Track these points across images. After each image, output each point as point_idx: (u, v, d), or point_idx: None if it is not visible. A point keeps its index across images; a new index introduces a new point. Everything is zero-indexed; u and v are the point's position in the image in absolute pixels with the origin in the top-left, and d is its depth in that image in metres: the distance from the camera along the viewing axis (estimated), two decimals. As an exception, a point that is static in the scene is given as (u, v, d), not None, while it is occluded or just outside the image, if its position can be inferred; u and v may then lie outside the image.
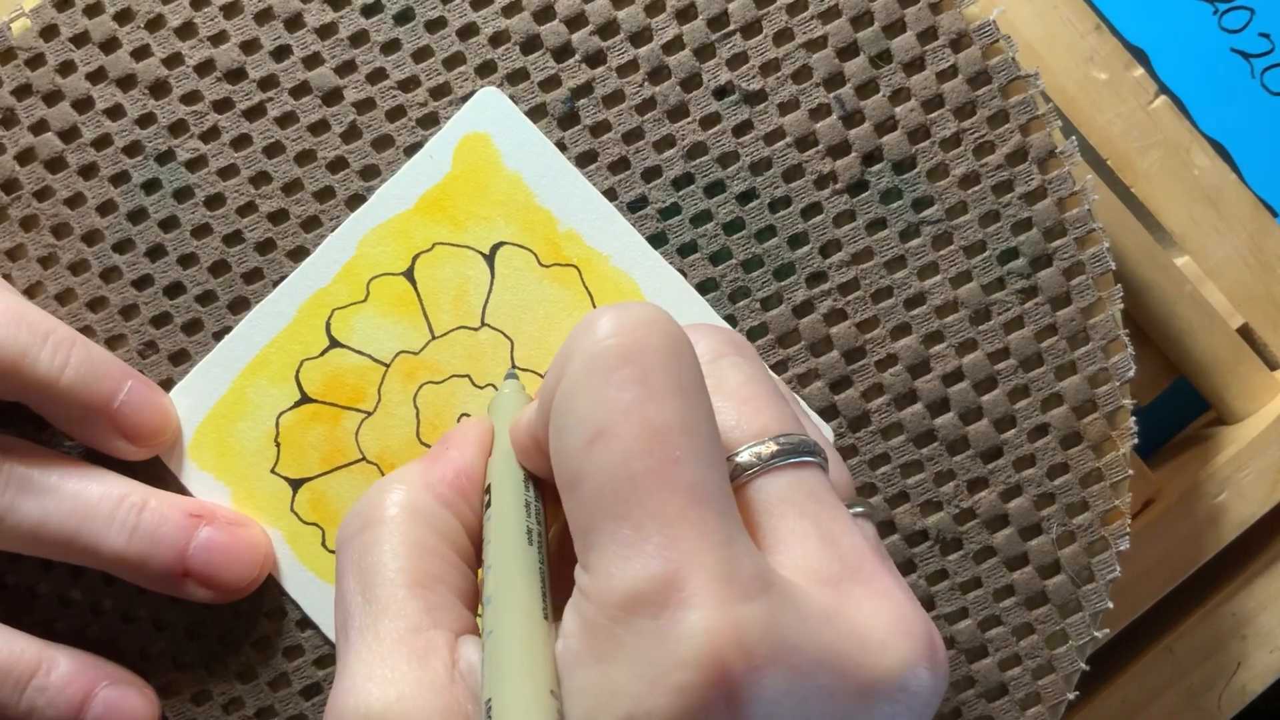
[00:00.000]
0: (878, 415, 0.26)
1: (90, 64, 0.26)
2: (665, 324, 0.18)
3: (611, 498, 0.17)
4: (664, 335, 0.18)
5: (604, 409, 0.17)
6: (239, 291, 0.26)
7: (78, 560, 0.25)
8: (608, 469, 0.17)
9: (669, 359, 0.17)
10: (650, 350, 0.17)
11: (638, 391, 0.17)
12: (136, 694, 0.25)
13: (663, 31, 0.26)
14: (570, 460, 0.17)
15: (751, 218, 0.26)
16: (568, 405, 0.17)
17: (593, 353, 0.17)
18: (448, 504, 0.21)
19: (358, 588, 0.19)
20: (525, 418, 0.21)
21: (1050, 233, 0.26)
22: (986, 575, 0.26)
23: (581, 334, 0.18)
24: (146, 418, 0.25)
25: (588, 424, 0.17)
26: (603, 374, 0.17)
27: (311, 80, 0.26)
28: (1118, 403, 0.26)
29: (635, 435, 0.17)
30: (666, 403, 0.17)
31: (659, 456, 0.17)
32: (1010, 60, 0.26)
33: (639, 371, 0.17)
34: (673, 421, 0.17)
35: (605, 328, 0.18)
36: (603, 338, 0.17)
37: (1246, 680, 0.29)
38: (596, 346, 0.17)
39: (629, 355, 0.17)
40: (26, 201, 0.26)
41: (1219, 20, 0.30)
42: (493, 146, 0.26)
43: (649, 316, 0.18)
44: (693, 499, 0.16)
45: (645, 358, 0.17)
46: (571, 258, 0.26)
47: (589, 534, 0.17)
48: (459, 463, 0.22)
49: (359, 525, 0.20)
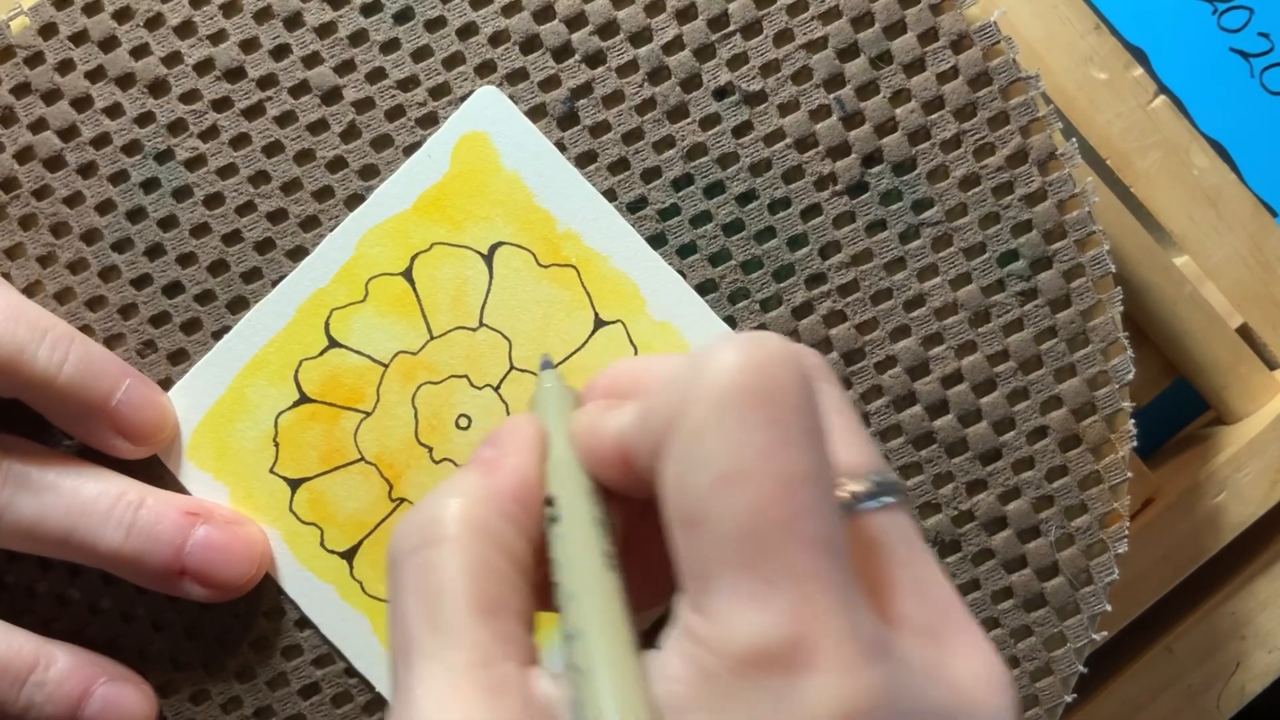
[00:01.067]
0: (877, 417, 0.26)
1: (89, 62, 0.25)
2: (796, 362, 0.17)
3: (740, 545, 0.16)
4: (798, 375, 0.17)
5: (737, 450, 0.16)
6: (238, 291, 0.26)
7: (74, 558, 0.24)
8: (738, 515, 0.16)
9: (803, 402, 0.17)
10: (787, 391, 0.17)
11: (773, 435, 0.16)
12: (134, 691, 0.25)
13: (663, 32, 0.25)
14: (692, 497, 0.16)
15: (751, 219, 0.26)
16: (695, 439, 0.16)
17: (726, 387, 0.16)
18: (512, 519, 0.19)
19: (421, 611, 0.18)
20: (611, 427, 0.19)
21: (1050, 235, 0.25)
22: (985, 577, 0.26)
23: (711, 363, 0.17)
24: (144, 416, 0.25)
25: (718, 463, 0.16)
26: (737, 412, 0.16)
27: (311, 79, 0.25)
28: (1117, 406, 0.26)
29: (770, 483, 0.16)
30: (801, 450, 0.16)
31: (793, 507, 0.16)
32: (1011, 62, 0.25)
33: (774, 414, 0.16)
34: (806, 470, 0.16)
35: (738, 360, 0.17)
36: (737, 371, 0.16)
37: (1245, 680, 0.28)
38: (731, 380, 0.16)
39: (765, 395, 0.16)
40: (25, 200, 0.26)
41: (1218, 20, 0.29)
42: (491, 146, 0.25)
43: (783, 352, 0.17)
44: (822, 554, 0.16)
45: (782, 399, 0.16)
46: (570, 258, 0.25)
47: (709, 578, 0.16)
48: (521, 472, 0.20)
49: (418, 541, 0.19)
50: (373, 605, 0.25)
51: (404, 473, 0.25)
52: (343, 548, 0.25)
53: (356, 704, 0.26)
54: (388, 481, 0.25)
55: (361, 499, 0.25)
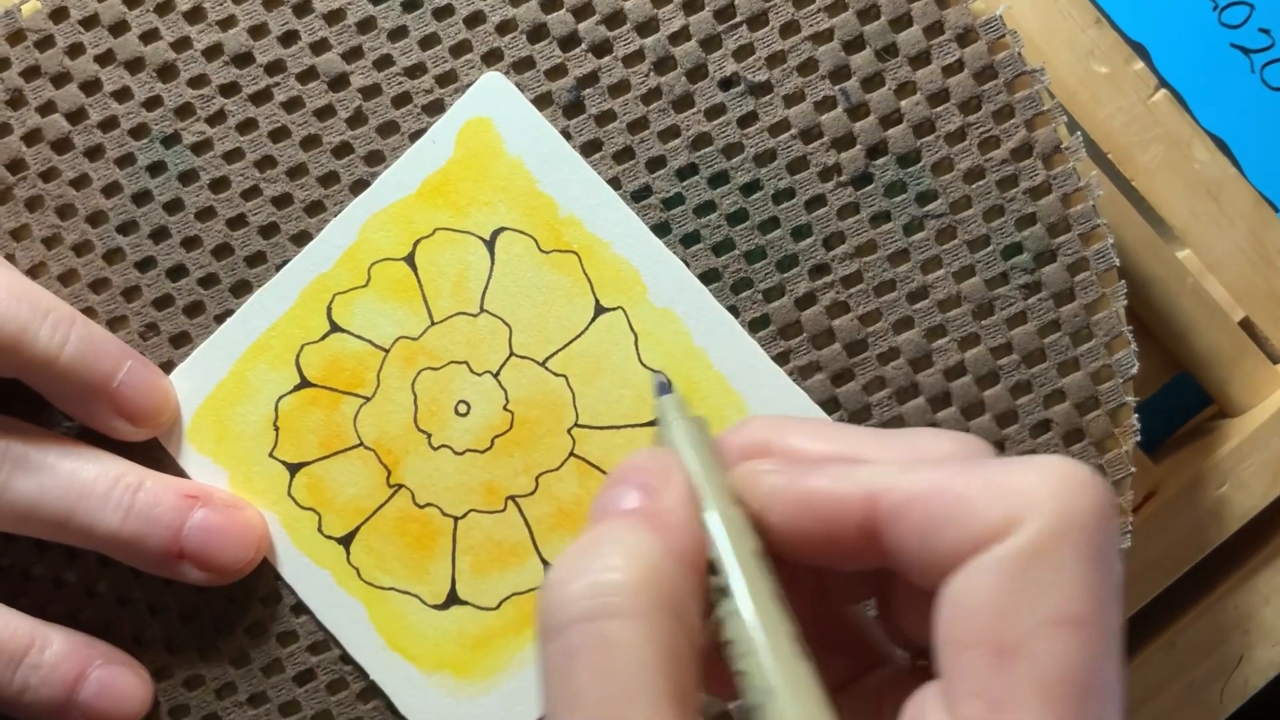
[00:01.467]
0: (879, 409, 0.25)
1: (99, 46, 0.25)
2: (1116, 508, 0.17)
3: (1061, 694, 0.15)
4: (1118, 534, 0.17)
5: (1081, 594, 0.15)
6: (241, 275, 0.26)
7: (72, 540, 0.24)
8: (1068, 662, 0.15)
9: (1119, 559, 0.16)
10: (1118, 545, 0.16)
11: (1111, 590, 0.15)
12: (130, 674, 0.25)
13: (669, 22, 0.25)
14: (1014, 626, 0.15)
15: (755, 209, 0.25)
16: (1031, 567, 0.15)
17: (1079, 524, 0.15)
18: (694, 591, 0.16)
19: (601, 698, 0.15)
20: (848, 486, 0.17)
21: (1054, 228, 0.25)
22: (986, 571, 0.25)
23: (1061, 490, 0.15)
24: (145, 398, 0.25)
25: (1056, 601, 0.15)
26: (1086, 555, 0.15)
27: (318, 66, 0.25)
28: (1120, 400, 0.25)
29: (1104, 640, 0.15)
30: (1120, 606, 0.16)
31: (1116, 670, 0.15)
32: (1016, 55, 0.25)
33: (1113, 566, 0.15)
34: (1118, 629, 0.15)
35: (1090, 496, 0.15)
36: (1089, 510, 0.15)
37: (1249, 674, 0.28)
38: (1083, 518, 0.15)
39: (1109, 544, 0.15)
40: (32, 182, 0.26)
41: (1219, 16, 0.29)
42: (495, 132, 0.25)
43: (1113, 505, 0.16)
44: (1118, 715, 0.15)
45: (1116, 552, 0.16)
46: (572, 244, 0.25)
47: (1009, 711, 0.15)
48: (694, 532, 0.17)
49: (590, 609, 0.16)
50: (368, 592, 0.25)
51: (402, 459, 0.25)
52: (340, 533, 0.25)
53: (351, 691, 0.25)
54: (386, 467, 0.25)
55: (360, 484, 0.25)
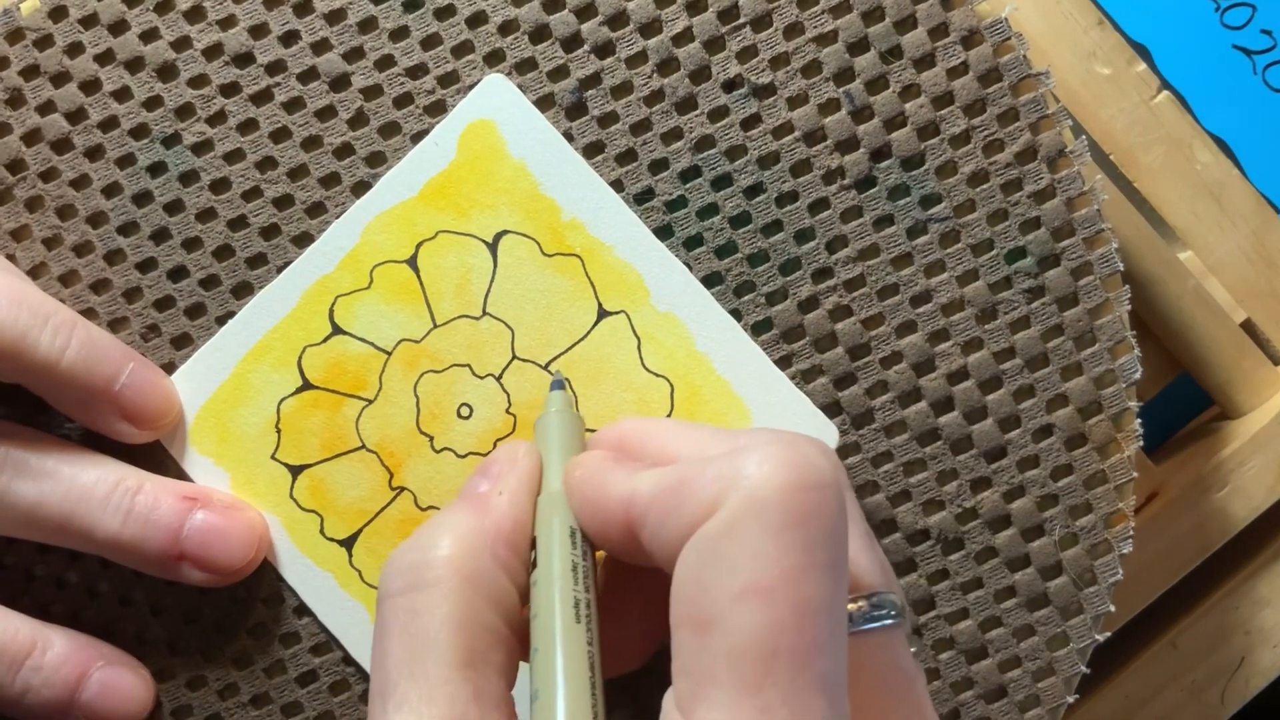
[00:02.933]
0: (881, 413, 0.25)
1: (98, 46, 0.25)
2: (839, 488, 0.16)
3: (748, 663, 0.15)
4: (839, 503, 0.16)
5: (766, 566, 0.15)
6: (243, 276, 0.25)
7: (73, 544, 0.24)
8: (752, 632, 0.15)
9: (837, 530, 0.16)
10: (824, 517, 0.16)
11: (804, 560, 0.16)
12: (131, 675, 0.24)
13: (673, 23, 0.24)
14: (709, 601, 0.16)
15: (758, 212, 0.25)
16: (726, 543, 0.16)
17: (764, 498, 0.16)
18: (504, 565, 0.19)
19: (403, 657, 0.18)
20: (621, 487, 0.18)
21: (1058, 232, 0.25)
22: (988, 576, 0.25)
23: (756, 469, 0.16)
24: (148, 400, 0.24)
25: (743, 574, 0.15)
26: (773, 528, 0.16)
27: (319, 66, 0.25)
28: (1123, 405, 0.25)
29: (790, 607, 0.15)
30: (825, 579, 0.16)
31: (807, 637, 0.15)
32: (1021, 58, 0.24)
33: (809, 537, 0.16)
34: (826, 601, 0.16)
35: (782, 473, 0.16)
36: (778, 485, 0.16)
37: (1249, 676, 0.27)
38: (772, 494, 0.16)
39: (803, 517, 0.16)
40: (32, 182, 0.25)
41: (1221, 17, 0.28)
42: (497, 134, 0.24)
43: (826, 475, 0.16)
44: (826, 696, 0.15)
45: (817, 524, 0.16)
46: (574, 247, 0.24)
47: (706, 685, 0.15)
48: (516, 513, 0.19)
49: (408, 582, 0.18)
50: (371, 594, 0.24)
51: (404, 461, 0.24)
52: (342, 535, 0.24)
53: (354, 692, 0.25)
54: (388, 470, 0.24)
55: (361, 487, 0.24)
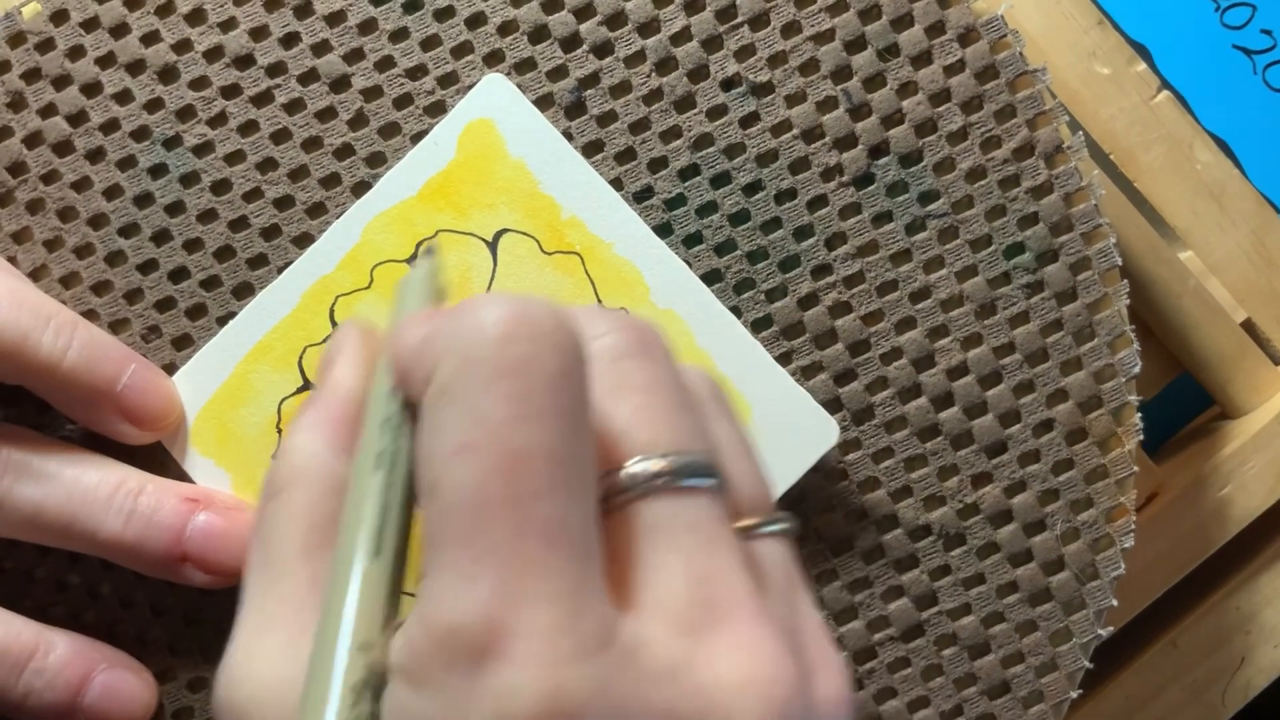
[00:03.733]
0: (882, 409, 0.24)
1: (99, 49, 0.24)
2: (560, 336, 0.15)
3: (461, 519, 0.14)
4: (556, 351, 0.15)
5: (472, 422, 0.15)
6: (243, 277, 0.25)
7: (75, 546, 0.23)
8: (463, 487, 0.14)
9: (556, 378, 0.15)
10: (538, 367, 0.15)
11: (513, 410, 0.15)
12: (134, 678, 0.24)
13: (671, 23, 0.24)
14: (430, 465, 0.15)
15: (757, 209, 0.24)
16: (437, 404, 0.15)
17: (473, 355, 0.15)
18: (345, 448, 0.18)
19: (256, 560, 0.18)
20: (407, 340, 0.17)
21: (1057, 228, 0.24)
22: (990, 571, 0.25)
23: (466, 323, 0.15)
24: (150, 401, 0.24)
25: (453, 433, 0.15)
26: (480, 382, 0.15)
27: (319, 67, 0.24)
28: (1123, 399, 0.24)
29: (499, 458, 0.14)
30: (541, 427, 0.15)
31: (519, 486, 0.14)
32: (1018, 55, 0.24)
33: (520, 387, 0.15)
34: (543, 448, 0.15)
35: (494, 326, 0.15)
36: (490, 339, 0.15)
37: (1250, 676, 0.27)
38: (481, 349, 0.15)
39: (514, 367, 0.15)
40: (33, 185, 0.25)
41: (1221, 17, 0.28)
42: (497, 133, 0.24)
43: (544, 326, 0.15)
44: (545, 538, 0.14)
45: (530, 374, 0.15)
46: (574, 245, 0.24)
47: (432, 550, 0.15)
48: (344, 391, 0.19)
49: (265, 496, 0.19)
50: (374, 593, 0.24)
51: (407, 460, 0.24)
52: (344, 535, 0.24)
53: (356, 693, 0.24)
54: (390, 469, 0.24)
55: (364, 486, 0.24)
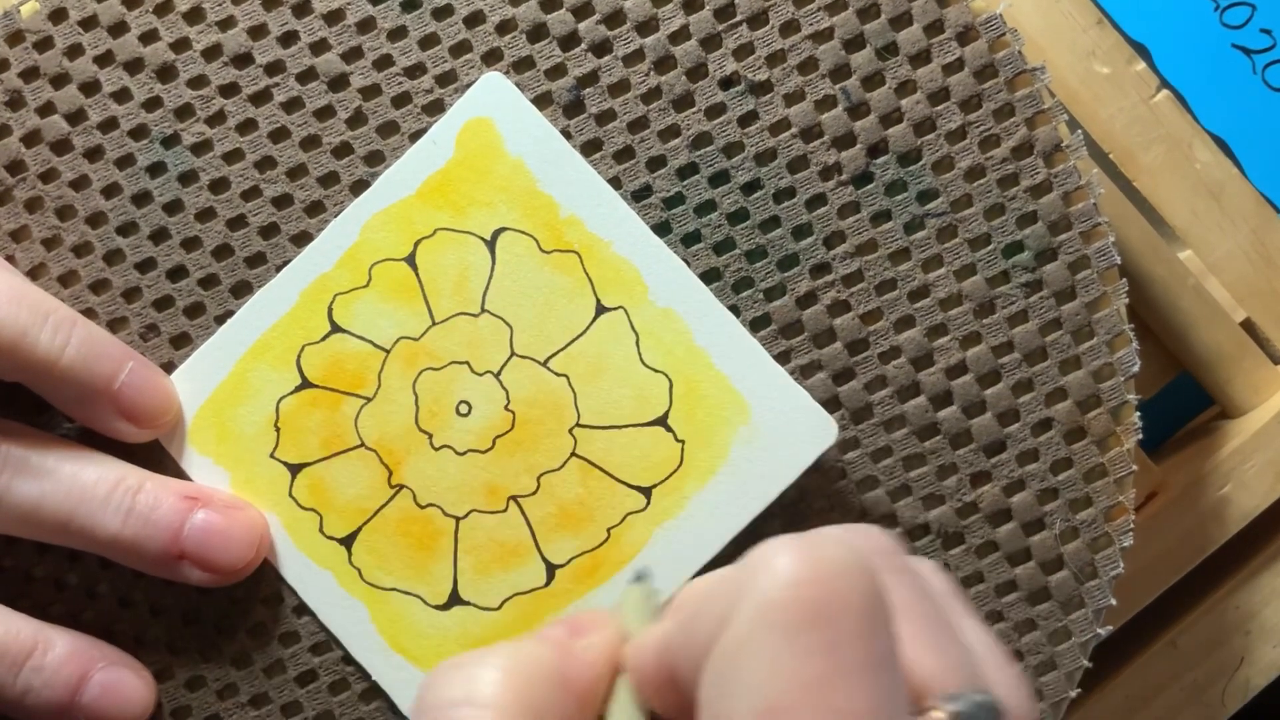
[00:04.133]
0: (880, 408, 0.24)
1: (98, 47, 0.24)
2: (865, 575, 0.14)
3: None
4: (863, 593, 0.14)
5: (783, 680, 0.13)
6: (242, 275, 0.25)
7: (73, 543, 0.23)
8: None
9: (867, 625, 0.14)
10: (847, 613, 0.14)
11: (826, 665, 0.13)
12: (133, 676, 0.24)
13: (669, 21, 0.24)
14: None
15: (756, 208, 0.24)
16: (733, 661, 0.14)
17: (774, 602, 0.14)
18: (559, 706, 0.17)
19: None
20: (654, 637, 0.16)
21: (1055, 227, 0.24)
22: (989, 570, 0.24)
23: (758, 570, 0.14)
24: (148, 399, 0.24)
25: (760, 693, 0.13)
26: (786, 634, 0.14)
27: (318, 66, 0.24)
28: (1122, 398, 0.24)
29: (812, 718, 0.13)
30: (859, 684, 0.13)
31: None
32: (1017, 54, 0.24)
33: (830, 639, 0.13)
34: (865, 709, 0.13)
35: (791, 570, 0.14)
36: (790, 584, 0.14)
37: (1250, 675, 0.27)
38: (779, 594, 0.14)
39: (820, 616, 0.14)
40: (31, 183, 0.25)
41: (1220, 16, 0.28)
42: (495, 131, 0.24)
43: (846, 564, 0.14)
44: None
45: (840, 623, 0.14)
46: (573, 244, 0.24)
47: None
48: (595, 672, 0.17)
49: (462, 694, 0.16)
50: (370, 593, 0.24)
51: (404, 459, 0.24)
52: (341, 534, 0.24)
53: (353, 691, 0.24)
54: (387, 468, 0.24)
55: (361, 485, 0.24)
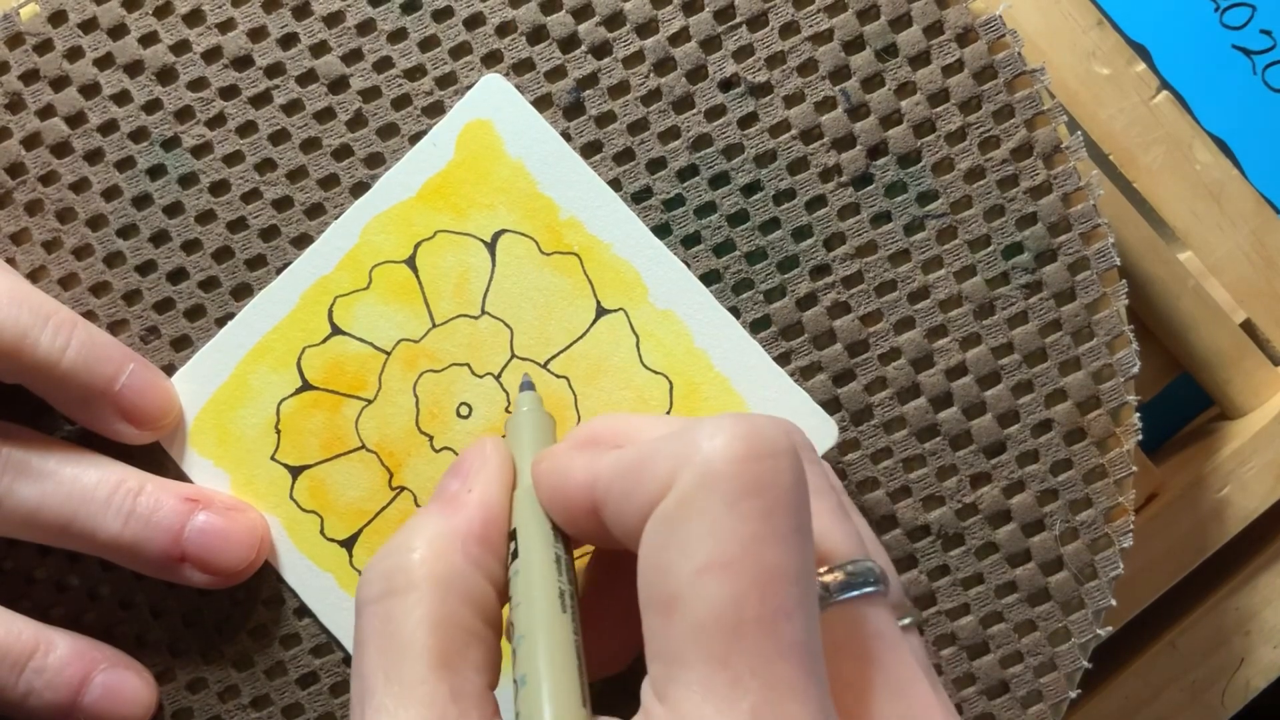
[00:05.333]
0: (880, 409, 0.24)
1: (98, 50, 0.24)
2: (795, 456, 0.16)
3: (714, 637, 0.15)
4: (795, 470, 0.16)
5: (723, 539, 0.15)
6: (242, 278, 0.24)
7: (74, 545, 0.23)
8: (716, 606, 0.15)
9: (795, 497, 0.15)
10: (780, 485, 0.15)
11: (762, 528, 0.15)
12: (134, 677, 0.24)
13: (669, 23, 0.24)
14: (670, 580, 0.15)
15: (756, 210, 0.24)
16: (678, 520, 0.15)
17: (717, 471, 0.15)
18: (478, 563, 0.18)
19: (379, 664, 0.17)
20: (582, 472, 0.18)
21: (1055, 228, 0.24)
22: (988, 571, 0.24)
23: (707, 442, 0.15)
24: (148, 400, 0.23)
25: (702, 549, 0.15)
26: (726, 499, 0.15)
27: (318, 68, 0.24)
28: (1122, 399, 0.24)
29: (753, 578, 0.15)
30: (788, 546, 0.15)
31: (772, 606, 0.15)
32: (1016, 55, 0.24)
33: (766, 506, 0.15)
34: (791, 569, 0.15)
35: (735, 445, 0.15)
36: (731, 457, 0.15)
37: (1250, 676, 0.26)
38: (725, 466, 0.15)
39: (758, 485, 0.15)
40: (31, 186, 0.24)
41: (1220, 17, 0.28)
42: (495, 134, 0.24)
43: (783, 444, 0.16)
44: (798, 661, 0.15)
45: (774, 491, 0.15)
46: (572, 246, 0.24)
47: (676, 665, 0.15)
48: (486, 508, 0.19)
49: (383, 589, 0.18)
50: (372, 594, 0.24)
51: (404, 461, 0.24)
52: (342, 536, 0.24)
53: (355, 693, 0.24)
54: (388, 470, 0.24)
55: (362, 487, 0.24)
